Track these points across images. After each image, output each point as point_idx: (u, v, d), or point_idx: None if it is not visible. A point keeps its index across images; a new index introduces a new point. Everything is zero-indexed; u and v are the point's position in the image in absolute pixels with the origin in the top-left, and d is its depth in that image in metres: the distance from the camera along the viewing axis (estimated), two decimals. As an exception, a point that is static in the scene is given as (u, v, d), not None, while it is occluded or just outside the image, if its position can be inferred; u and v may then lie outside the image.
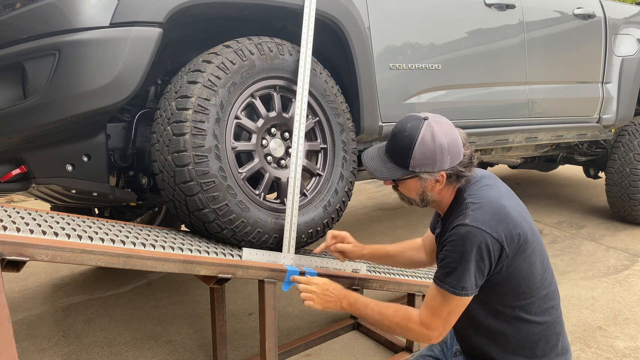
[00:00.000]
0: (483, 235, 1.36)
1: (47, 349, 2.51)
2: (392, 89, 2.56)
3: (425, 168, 1.44)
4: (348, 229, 2.01)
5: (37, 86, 1.71)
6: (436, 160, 1.43)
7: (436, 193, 1.51)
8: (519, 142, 3.32)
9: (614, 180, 4.19)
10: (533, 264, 1.45)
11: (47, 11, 1.71)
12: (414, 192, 1.52)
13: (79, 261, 1.40)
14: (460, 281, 1.38)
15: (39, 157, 1.86)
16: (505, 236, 1.38)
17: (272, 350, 1.90)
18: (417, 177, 1.47)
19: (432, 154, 1.42)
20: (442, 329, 1.46)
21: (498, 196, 1.46)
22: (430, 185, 1.48)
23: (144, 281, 3.36)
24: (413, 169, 1.45)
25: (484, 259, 1.37)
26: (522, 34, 3.18)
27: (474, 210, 1.41)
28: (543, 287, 1.48)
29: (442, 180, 1.47)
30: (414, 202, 1.56)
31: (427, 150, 1.42)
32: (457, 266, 1.38)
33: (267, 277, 1.86)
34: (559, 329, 1.52)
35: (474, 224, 1.38)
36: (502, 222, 1.39)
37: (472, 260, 1.37)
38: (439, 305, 1.45)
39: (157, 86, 2.20)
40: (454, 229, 1.42)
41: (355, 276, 2.17)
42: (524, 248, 1.41)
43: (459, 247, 1.38)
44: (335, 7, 2.24)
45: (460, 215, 1.44)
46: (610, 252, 3.73)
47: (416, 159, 1.43)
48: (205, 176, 1.80)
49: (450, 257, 1.41)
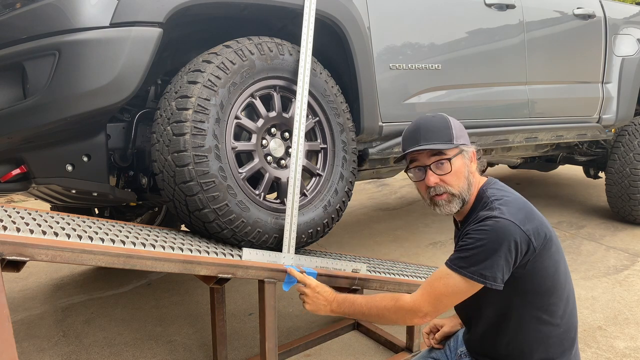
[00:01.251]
0: (514, 228, 1.34)
1: (47, 349, 2.51)
2: (392, 89, 2.56)
3: (463, 140, 1.51)
4: (348, 228, 2.01)
5: (37, 86, 1.71)
6: (465, 133, 1.53)
7: (472, 177, 1.52)
8: (519, 142, 3.31)
9: (614, 180, 4.19)
10: (557, 262, 1.44)
11: (47, 11, 1.71)
12: (462, 174, 1.50)
13: (79, 261, 1.40)
14: (489, 271, 1.35)
15: (39, 157, 1.86)
16: (533, 231, 1.37)
17: (272, 350, 1.90)
18: (461, 152, 1.50)
19: (462, 127, 1.54)
20: (432, 309, 1.45)
21: (519, 195, 1.49)
22: (469, 162, 1.51)
23: (144, 281, 3.36)
24: (457, 141, 1.49)
25: (512, 253, 1.35)
26: (522, 34, 3.18)
27: (502, 205, 1.41)
28: (565, 289, 1.47)
29: (474, 158, 1.53)
30: (462, 191, 1.50)
31: (458, 124, 1.53)
32: (486, 257, 1.35)
33: (267, 277, 1.86)
34: (574, 334, 1.51)
35: (503, 216, 1.36)
36: (529, 216, 1.39)
37: (501, 253, 1.34)
38: (443, 288, 1.42)
39: (157, 86, 2.20)
40: (482, 220, 1.39)
41: (355, 276, 2.17)
42: (549, 245, 1.41)
43: (489, 238, 1.35)
44: (335, 7, 2.24)
45: (487, 209, 1.42)
46: (610, 252, 3.73)
47: (456, 129, 1.50)
48: (205, 176, 1.80)
49: (477, 246, 1.36)
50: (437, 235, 4.20)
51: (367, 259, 2.64)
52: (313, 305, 1.72)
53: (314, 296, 1.71)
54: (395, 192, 5.87)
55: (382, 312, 1.55)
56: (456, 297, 1.43)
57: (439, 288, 1.43)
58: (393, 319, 1.54)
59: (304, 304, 1.75)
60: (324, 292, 1.71)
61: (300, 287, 1.77)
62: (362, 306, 1.60)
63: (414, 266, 2.84)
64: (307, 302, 1.73)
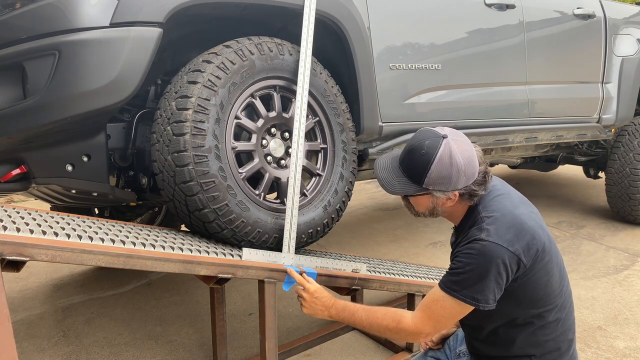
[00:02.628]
0: (501, 251, 1.34)
1: (47, 349, 2.51)
2: (392, 89, 2.56)
3: (439, 187, 1.43)
4: (348, 229, 2.01)
5: (37, 86, 1.71)
6: (451, 181, 1.41)
7: (447, 209, 1.51)
8: (519, 142, 3.31)
9: (614, 180, 4.19)
10: (550, 271, 1.43)
11: (47, 11, 1.71)
12: (424, 207, 1.52)
13: (79, 261, 1.40)
14: (481, 294, 1.36)
15: (39, 157, 1.86)
16: (523, 249, 1.36)
17: (272, 350, 1.90)
18: (430, 194, 1.46)
19: (448, 175, 1.40)
20: (433, 330, 1.49)
21: (512, 206, 1.44)
22: (441, 202, 1.47)
23: (144, 281, 3.36)
24: (427, 187, 1.43)
25: (501, 274, 1.35)
26: (522, 34, 3.18)
27: (490, 225, 1.39)
28: (560, 294, 1.47)
29: (454, 199, 1.46)
30: (422, 214, 1.56)
31: (443, 171, 1.40)
32: (476, 281, 1.36)
33: (267, 277, 1.86)
34: (571, 336, 1.51)
35: (490, 239, 1.35)
36: (519, 235, 1.37)
37: (490, 276, 1.34)
38: (440, 311, 1.44)
39: (157, 86, 2.20)
40: (470, 242, 1.39)
41: (355, 276, 2.17)
42: (542, 257, 1.40)
43: (477, 263, 1.36)
44: (335, 7, 2.24)
45: (476, 228, 1.41)
46: (610, 252, 3.73)
47: (432, 178, 1.41)
48: (205, 176, 1.80)
49: (467, 270, 1.37)
50: (437, 235, 4.20)
51: (367, 259, 2.64)
52: (310, 310, 1.73)
53: (312, 301, 1.72)
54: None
55: (383, 331, 1.58)
56: (453, 318, 1.46)
57: (437, 310, 1.45)
58: (394, 337, 1.58)
59: (301, 306, 1.75)
60: (323, 297, 1.71)
61: (298, 289, 1.77)
62: (362, 319, 1.61)
63: (414, 266, 2.84)
64: (304, 306, 1.74)
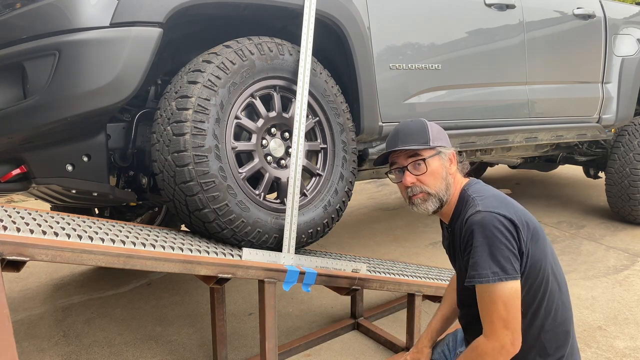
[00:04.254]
0: (497, 217, 1.38)
1: (47, 349, 2.51)
2: (392, 89, 2.56)
3: (441, 142, 1.56)
4: (348, 229, 2.01)
5: (37, 86, 1.71)
6: (446, 137, 1.58)
7: (452, 179, 1.56)
8: (519, 142, 3.31)
9: (614, 180, 4.18)
10: (545, 255, 1.46)
11: (47, 11, 1.71)
12: (439, 175, 1.54)
13: (79, 261, 1.40)
14: (496, 265, 1.35)
15: (39, 157, 1.86)
16: (517, 218, 1.40)
17: (272, 350, 1.90)
18: (438, 154, 1.54)
19: (442, 131, 1.59)
20: (508, 331, 1.36)
21: (499, 193, 1.53)
22: (447, 164, 1.55)
23: (144, 281, 3.36)
24: (434, 143, 1.53)
25: (508, 239, 1.37)
26: (522, 34, 3.18)
27: (482, 200, 1.47)
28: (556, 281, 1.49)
29: (454, 159, 1.57)
30: (439, 192, 1.53)
31: (436, 128, 1.58)
32: (486, 252, 1.36)
33: (267, 277, 1.86)
34: (568, 327, 1.52)
35: (486, 209, 1.41)
36: (510, 208, 1.43)
37: (499, 242, 1.36)
38: (491, 307, 1.37)
39: (157, 86, 2.20)
40: (467, 220, 1.43)
41: (355, 276, 2.17)
42: (536, 237, 1.44)
43: (481, 234, 1.38)
44: (335, 7, 2.24)
45: (470, 207, 1.47)
46: (610, 252, 3.73)
47: (433, 133, 1.55)
48: (205, 176, 1.80)
49: (476, 248, 1.38)
50: (437, 235, 4.19)
51: (367, 259, 2.64)
52: None
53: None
54: (395, 192, 5.87)
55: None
56: (512, 303, 1.37)
57: (493, 310, 1.37)
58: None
59: None
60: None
61: None
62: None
63: (414, 266, 2.85)
64: None
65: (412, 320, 2.35)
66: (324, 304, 2.94)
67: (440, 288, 2.45)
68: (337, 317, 2.77)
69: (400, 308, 2.82)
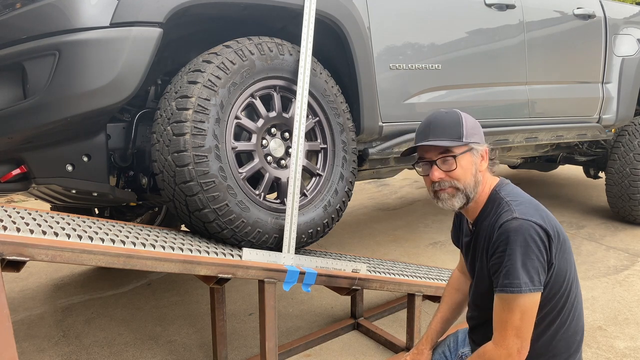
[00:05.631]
0: (535, 228, 1.35)
1: (47, 349, 2.51)
2: (392, 89, 2.56)
3: (475, 138, 1.48)
4: (348, 229, 2.01)
5: (37, 86, 1.71)
6: (480, 131, 1.51)
7: (482, 176, 1.51)
8: (519, 142, 3.31)
9: (614, 180, 4.18)
10: (570, 264, 1.44)
11: (47, 11, 1.71)
12: (469, 171, 1.48)
13: (79, 261, 1.40)
14: (526, 276, 1.33)
15: (39, 157, 1.86)
16: (552, 229, 1.38)
17: (272, 350, 1.90)
18: (470, 150, 1.48)
19: (477, 126, 1.51)
20: (519, 341, 1.36)
21: (531, 197, 1.50)
22: (479, 160, 1.50)
23: (144, 281, 3.36)
24: (467, 140, 1.47)
25: (541, 251, 1.35)
26: (522, 34, 3.18)
27: (519, 205, 1.41)
28: (575, 292, 1.47)
29: (485, 157, 1.51)
30: (468, 188, 1.48)
31: (472, 121, 1.50)
32: (520, 261, 1.33)
33: (267, 277, 1.86)
34: (580, 337, 1.50)
35: (524, 216, 1.37)
36: (546, 217, 1.40)
37: (532, 252, 1.34)
38: (508, 315, 1.36)
39: (157, 86, 2.20)
40: (502, 225, 1.38)
41: (355, 276, 2.17)
42: (564, 248, 1.42)
43: (517, 242, 1.34)
44: (335, 7, 2.24)
45: (505, 212, 1.42)
46: (610, 252, 3.73)
47: (468, 127, 1.47)
48: (205, 176, 1.80)
49: (510, 256, 1.34)
50: (437, 235, 4.20)
51: (367, 259, 2.64)
52: None
53: None
54: (395, 192, 5.87)
55: None
56: (528, 315, 1.36)
57: (508, 318, 1.37)
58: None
59: None
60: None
61: None
62: None
63: (414, 266, 2.84)
64: None
65: (412, 320, 2.35)
66: (324, 304, 2.94)
67: (441, 288, 2.44)
68: (337, 317, 2.77)
69: (400, 308, 2.82)
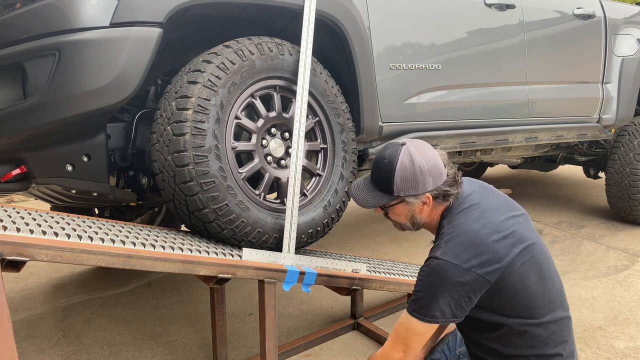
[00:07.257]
0: (454, 269, 1.37)
1: (47, 349, 2.51)
2: (392, 89, 2.56)
3: (409, 192, 1.48)
4: (348, 229, 2.01)
5: (37, 86, 1.71)
6: (418, 183, 1.46)
7: (425, 215, 1.54)
8: (519, 142, 3.31)
9: (614, 180, 4.18)
10: (527, 275, 1.43)
11: (47, 11, 1.71)
12: (403, 216, 1.56)
13: (79, 261, 1.40)
14: (439, 311, 1.39)
15: (39, 157, 1.86)
16: (481, 264, 1.37)
17: (272, 350, 1.91)
18: (403, 201, 1.50)
19: (413, 177, 1.46)
20: (403, 355, 1.49)
21: (477, 221, 1.44)
22: (417, 208, 1.51)
23: (144, 281, 3.36)
24: (397, 194, 1.49)
25: (459, 291, 1.38)
26: (522, 34, 3.18)
27: (447, 242, 1.42)
28: (545, 294, 1.47)
29: (428, 202, 1.50)
30: (406, 226, 1.59)
31: (407, 174, 1.46)
32: (425, 295, 1.41)
33: (267, 277, 1.86)
34: (566, 333, 1.51)
35: (444, 257, 1.39)
36: (476, 252, 1.38)
37: (445, 293, 1.38)
38: (406, 332, 1.47)
39: (157, 86, 2.20)
40: (427, 260, 1.45)
41: (355, 276, 2.17)
42: (508, 270, 1.39)
43: (428, 279, 1.42)
44: (335, 7, 2.24)
45: (435, 246, 1.47)
46: (610, 252, 3.73)
47: (398, 183, 1.47)
48: (205, 176, 1.80)
49: (423, 289, 1.43)
50: (437, 235, 4.19)
51: (367, 259, 2.64)
52: None
53: None
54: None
55: None
56: (421, 338, 1.47)
57: (403, 333, 1.49)
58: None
59: None
60: None
61: None
62: None
63: (414, 266, 2.84)
64: None
65: (412, 320, 2.35)
66: (324, 304, 2.94)
67: (440, 288, 2.44)
68: (337, 317, 2.77)
69: (400, 308, 2.82)
